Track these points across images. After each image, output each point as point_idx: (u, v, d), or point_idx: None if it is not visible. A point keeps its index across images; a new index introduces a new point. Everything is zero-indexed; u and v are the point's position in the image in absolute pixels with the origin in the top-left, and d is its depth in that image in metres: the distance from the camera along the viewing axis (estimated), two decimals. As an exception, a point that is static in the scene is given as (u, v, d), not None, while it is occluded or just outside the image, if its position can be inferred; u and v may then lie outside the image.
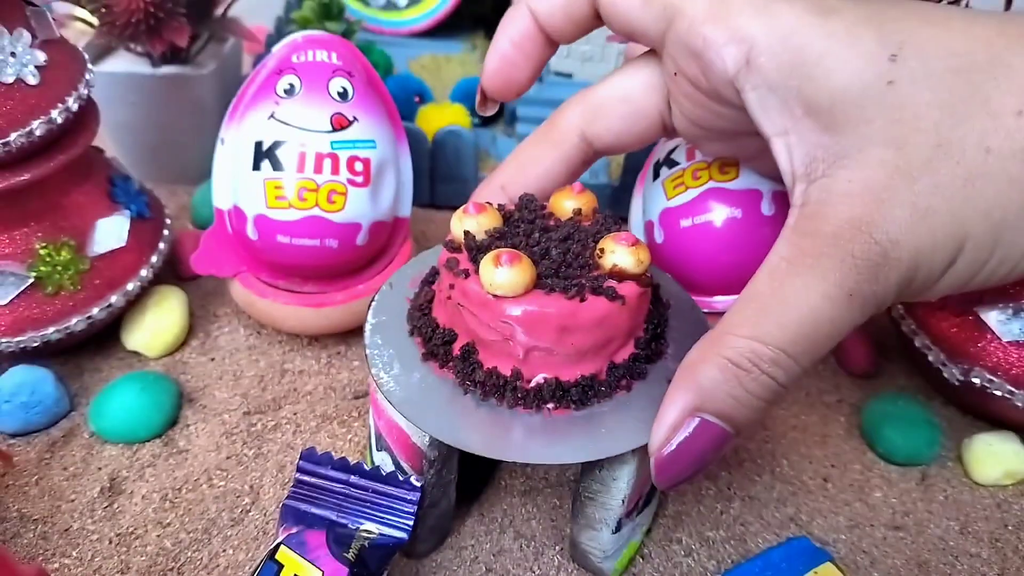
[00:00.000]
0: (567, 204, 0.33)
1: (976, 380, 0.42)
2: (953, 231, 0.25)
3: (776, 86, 0.27)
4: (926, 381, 0.50)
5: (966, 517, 0.42)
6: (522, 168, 0.36)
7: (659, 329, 0.34)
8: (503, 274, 0.29)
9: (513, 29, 0.34)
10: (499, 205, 0.33)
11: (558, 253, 0.31)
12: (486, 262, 0.29)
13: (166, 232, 0.49)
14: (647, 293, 0.32)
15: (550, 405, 0.31)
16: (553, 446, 0.30)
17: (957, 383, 0.43)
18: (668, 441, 0.27)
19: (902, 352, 0.51)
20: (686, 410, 0.27)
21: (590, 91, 0.35)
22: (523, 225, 0.32)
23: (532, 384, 0.31)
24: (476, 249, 0.31)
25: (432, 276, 0.36)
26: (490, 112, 0.37)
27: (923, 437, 0.45)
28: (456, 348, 0.32)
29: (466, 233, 0.31)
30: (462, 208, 0.32)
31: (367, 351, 0.33)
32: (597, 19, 0.33)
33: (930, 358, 0.45)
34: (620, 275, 0.30)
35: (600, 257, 0.31)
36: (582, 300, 0.29)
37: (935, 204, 0.25)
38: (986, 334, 0.42)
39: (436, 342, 0.32)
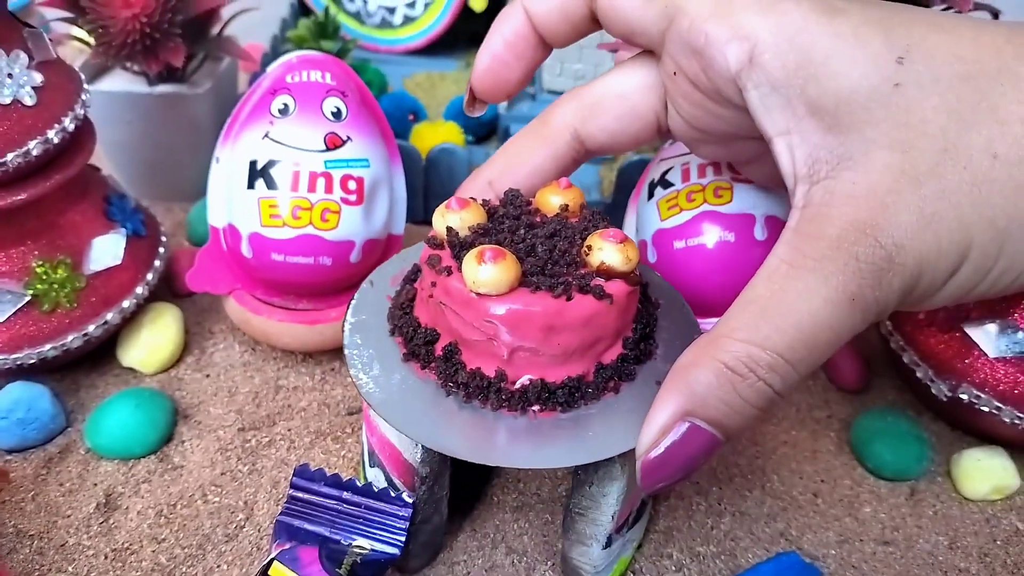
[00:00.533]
0: (553, 200, 0.32)
1: (964, 396, 0.43)
2: (958, 238, 0.25)
3: (779, 85, 0.26)
4: (915, 397, 0.50)
5: (955, 532, 0.43)
6: (511, 164, 0.35)
7: (648, 329, 0.33)
8: (487, 271, 0.28)
9: (507, 28, 0.33)
10: (483, 201, 0.33)
11: (544, 250, 0.30)
12: (469, 259, 0.28)
13: (162, 250, 0.50)
14: (636, 292, 0.31)
15: (535, 407, 0.30)
16: (539, 450, 0.29)
17: (945, 399, 0.44)
18: (656, 444, 0.26)
19: (891, 368, 0.52)
20: (676, 414, 0.26)
21: (584, 89, 0.34)
22: (508, 221, 0.31)
23: (517, 386, 0.30)
24: (459, 246, 0.30)
25: (414, 274, 0.35)
26: (478, 113, 0.36)
27: (912, 452, 0.45)
28: (438, 348, 0.31)
29: (449, 229, 0.31)
30: (445, 203, 0.31)
31: (346, 351, 0.33)
32: (593, 22, 0.32)
33: (918, 374, 0.45)
34: (608, 273, 0.29)
35: (587, 254, 0.30)
36: (569, 299, 0.29)
37: (941, 209, 0.24)
38: (973, 350, 0.43)
39: (417, 342, 0.32)
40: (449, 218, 0.31)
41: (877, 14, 0.26)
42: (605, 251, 0.29)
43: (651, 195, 0.47)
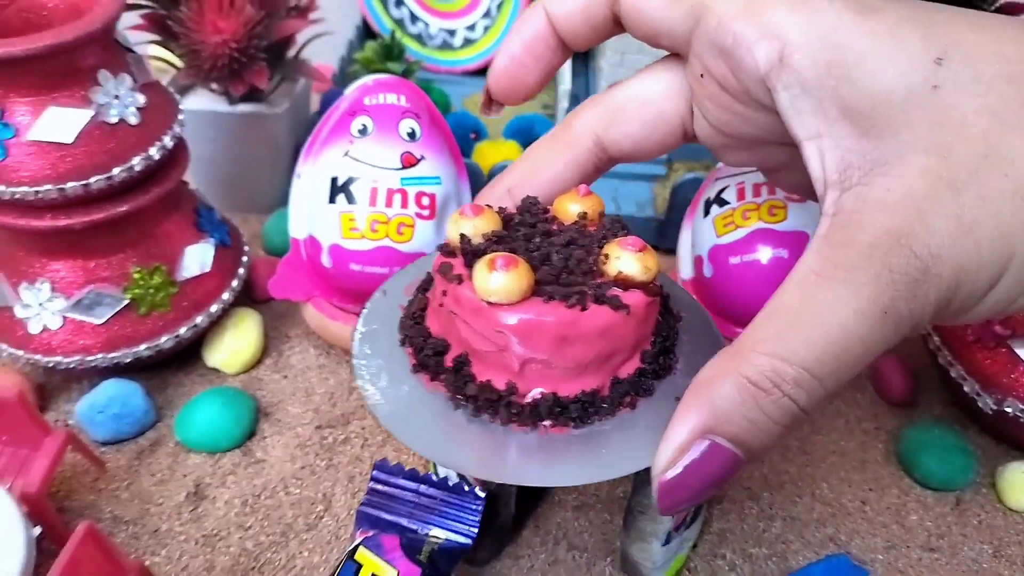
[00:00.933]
0: (572, 208, 0.31)
1: (1009, 410, 0.44)
2: (999, 248, 0.23)
3: (811, 86, 0.25)
4: (961, 411, 0.51)
5: (999, 541, 0.44)
6: (531, 172, 0.33)
7: (668, 343, 0.32)
8: (498, 279, 0.27)
9: (526, 30, 0.32)
10: (500, 208, 0.31)
11: (559, 259, 0.29)
12: (480, 266, 0.27)
13: (244, 259, 0.53)
14: (655, 303, 0.30)
15: (547, 422, 0.29)
16: (550, 467, 0.28)
17: (991, 412, 0.45)
18: (674, 463, 0.25)
19: (938, 383, 0.53)
20: (696, 430, 0.24)
21: (608, 93, 0.32)
22: (523, 229, 0.30)
23: (528, 399, 0.29)
24: (472, 253, 0.29)
25: (427, 283, 0.34)
26: (494, 115, 0.35)
27: (958, 464, 0.47)
28: (448, 359, 0.30)
29: (462, 236, 0.29)
30: (459, 210, 0.30)
31: (353, 361, 0.32)
32: (615, 25, 0.31)
33: (965, 388, 0.47)
34: (625, 283, 0.28)
35: (604, 263, 0.28)
36: (583, 309, 0.27)
37: (981, 218, 0.23)
38: (1019, 366, 0.44)
39: (427, 353, 0.30)
40: (463, 225, 0.30)
41: (915, 13, 0.25)
42: (623, 260, 0.28)
43: (707, 212, 0.49)
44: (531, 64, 0.32)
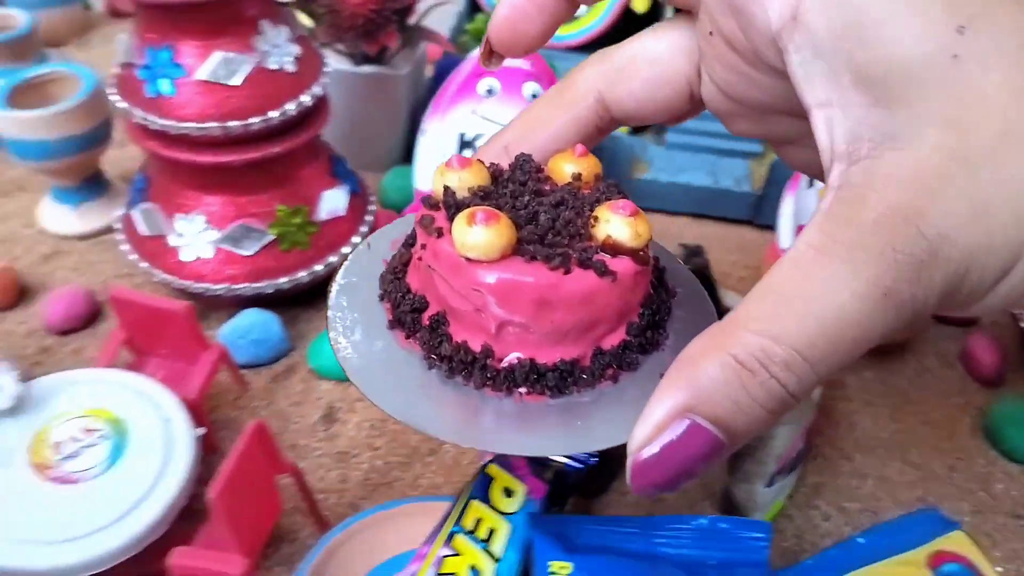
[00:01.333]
0: (566, 168, 0.29)
1: (1102, 389, 0.46)
2: (1013, 234, 0.22)
3: (824, 49, 0.23)
4: (1051, 392, 0.53)
5: (1085, 514, 0.46)
6: (530, 129, 0.31)
7: (658, 317, 0.30)
8: (477, 234, 0.25)
9: None
10: (491, 164, 0.29)
11: (547, 219, 0.27)
12: (459, 220, 0.26)
13: (371, 207, 0.57)
14: (645, 272, 0.28)
15: (522, 389, 0.28)
16: (523, 435, 0.27)
17: (1083, 391, 0.47)
18: (651, 441, 0.23)
19: (1028, 364, 0.55)
20: (677, 408, 0.23)
21: (613, 50, 0.31)
22: (512, 186, 0.29)
23: (504, 364, 0.27)
24: (455, 207, 0.27)
25: (413, 238, 0.31)
26: (493, 67, 0.32)
27: (1045, 440, 0.49)
28: (426, 318, 0.29)
29: (445, 189, 0.28)
30: (445, 162, 0.28)
31: (329, 312, 0.30)
32: None
33: (1058, 367, 0.49)
34: (614, 248, 0.26)
35: (594, 226, 0.27)
36: (566, 272, 0.26)
37: (995, 199, 0.21)
38: (1115, 348, 0.46)
39: (404, 309, 0.29)
40: (448, 177, 0.28)
41: None
42: (612, 223, 0.26)
43: (811, 184, 0.52)
44: (534, 14, 0.30)
